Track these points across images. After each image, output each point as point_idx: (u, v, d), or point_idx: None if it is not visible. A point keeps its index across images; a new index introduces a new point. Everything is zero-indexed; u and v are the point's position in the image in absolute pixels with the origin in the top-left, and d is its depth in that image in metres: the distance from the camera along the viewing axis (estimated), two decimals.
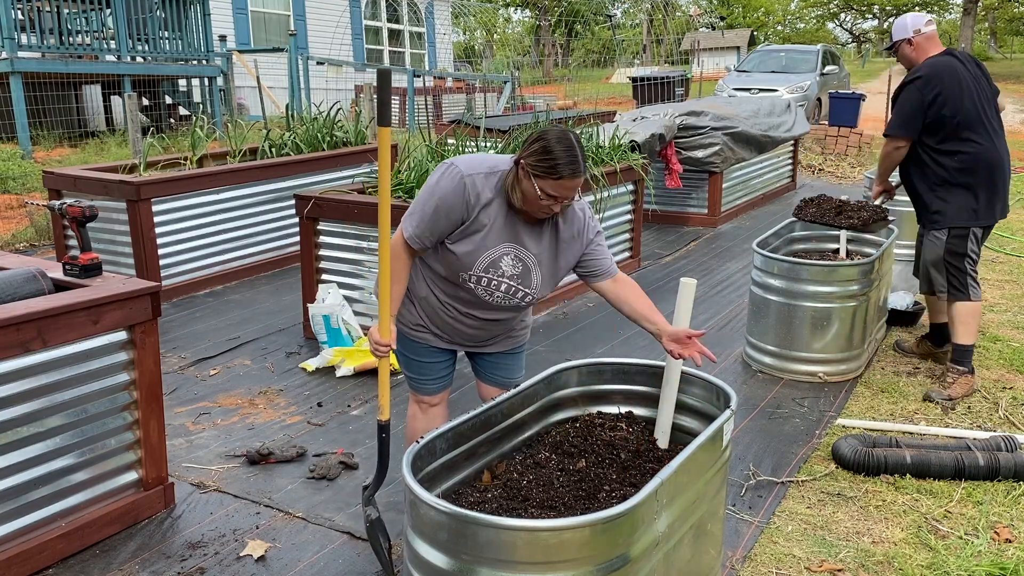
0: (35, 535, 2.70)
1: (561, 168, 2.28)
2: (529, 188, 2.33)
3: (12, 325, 2.50)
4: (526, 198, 2.36)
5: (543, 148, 2.30)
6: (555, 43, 39.44)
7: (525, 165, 2.32)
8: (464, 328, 2.64)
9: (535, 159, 2.30)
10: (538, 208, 2.36)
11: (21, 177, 9.13)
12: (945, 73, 4.00)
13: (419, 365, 2.76)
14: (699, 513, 2.12)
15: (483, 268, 2.45)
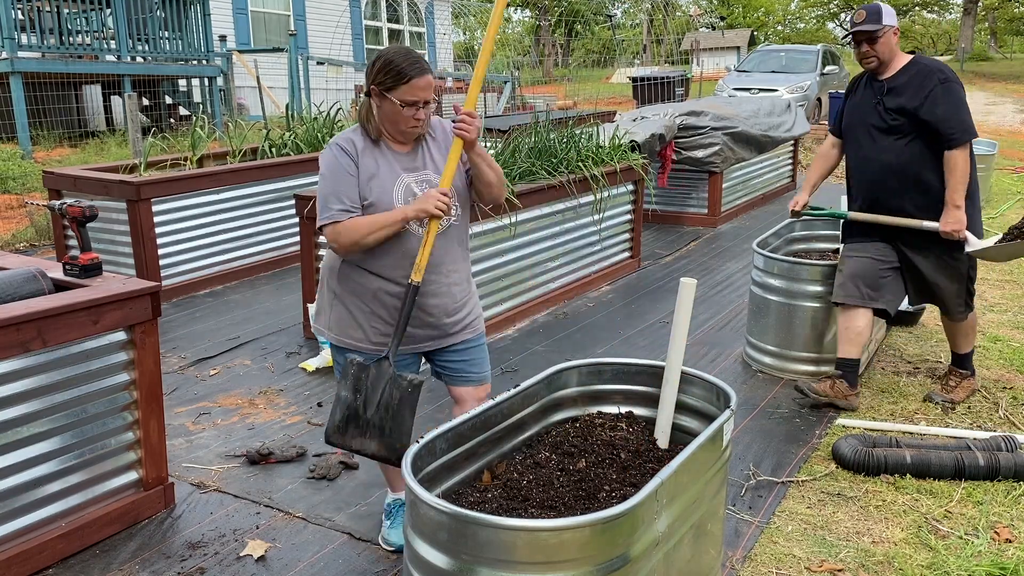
0: (35, 535, 2.70)
1: (408, 70, 2.35)
2: (389, 106, 2.38)
3: (12, 325, 2.50)
4: (391, 119, 2.41)
5: (385, 62, 2.37)
6: (555, 43, 39.43)
7: (376, 87, 2.39)
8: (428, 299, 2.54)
9: (382, 75, 2.36)
10: (406, 124, 2.41)
11: (21, 177, 9.13)
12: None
13: None
14: (699, 513, 2.12)
15: (403, 199, 2.47)
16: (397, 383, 2.41)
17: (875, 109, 3.73)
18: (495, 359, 4.63)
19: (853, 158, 3.91)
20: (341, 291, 2.56)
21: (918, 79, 3.63)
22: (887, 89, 3.71)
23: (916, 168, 3.68)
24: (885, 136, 3.71)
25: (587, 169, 5.65)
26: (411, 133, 2.47)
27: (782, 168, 10.02)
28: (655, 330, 5.10)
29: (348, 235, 2.40)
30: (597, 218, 5.95)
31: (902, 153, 3.69)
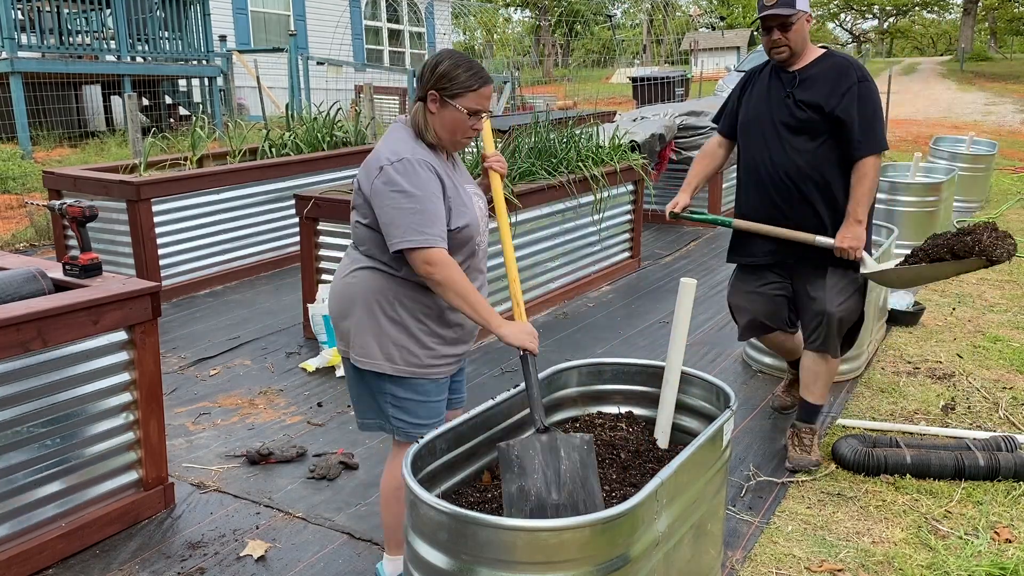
0: (35, 535, 2.70)
1: (477, 76, 2.24)
2: (453, 114, 2.24)
3: (12, 325, 2.50)
4: (452, 127, 2.26)
5: (451, 67, 2.23)
6: (555, 43, 39.44)
7: (441, 93, 2.23)
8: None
9: (448, 80, 2.22)
10: (465, 132, 2.28)
11: (21, 177, 9.13)
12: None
13: (439, 406, 2.43)
14: (699, 513, 2.12)
15: (483, 223, 2.40)
16: (570, 444, 2.09)
17: (784, 103, 3.20)
18: (495, 359, 4.63)
19: (751, 160, 3.32)
20: (401, 315, 2.30)
21: (834, 72, 3.14)
22: (799, 80, 3.20)
23: (827, 176, 3.17)
24: (795, 135, 3.18)
25: (587, 169, 5.65)
26: (464, 143, 2.34)
27: None
28: (655, 330, 5.10)
29: (447, 273, 2.18)
30: (597, 218, 5.95)
31: (813, 156, 3.16)
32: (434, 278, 2.18)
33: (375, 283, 2.31)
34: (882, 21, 54.53)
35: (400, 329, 2.31)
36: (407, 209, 2.17)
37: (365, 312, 2.31)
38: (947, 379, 4.29)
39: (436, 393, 2.39)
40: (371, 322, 2.31)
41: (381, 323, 2.30)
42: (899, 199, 6.52)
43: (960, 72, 31.83)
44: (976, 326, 5.11)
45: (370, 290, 2.31)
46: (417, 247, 2.16)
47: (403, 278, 2.29)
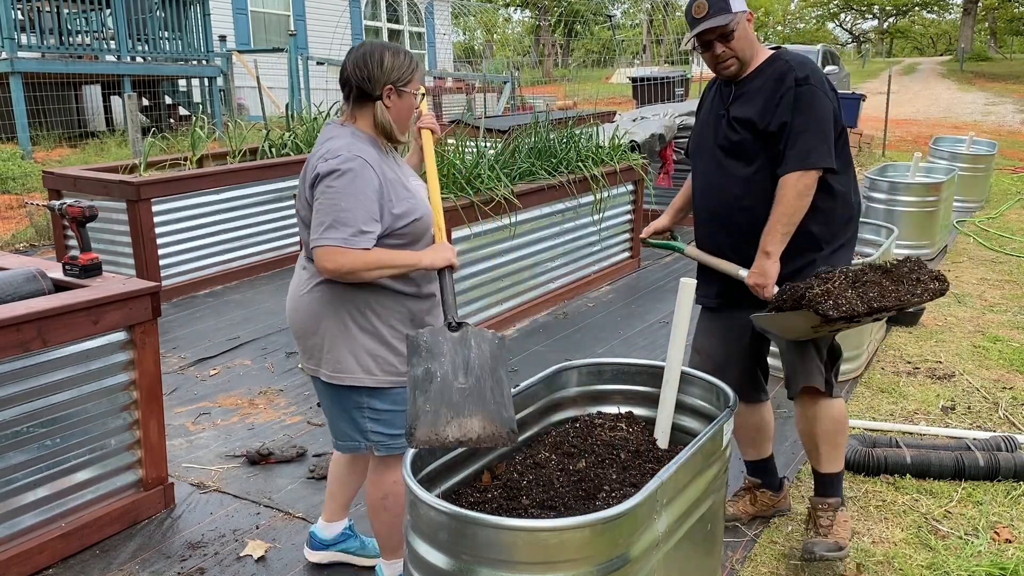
0: (35, 535, 2.70)
1: (411, 57, 2.27)
2: (407, 101, 2.28)
3: (12, 325, 2.50)
4: (407, 114, 2.31)
5: (394, 54, 2.24)
6: (555, 43, 39.44)
7: (392, 84, 2.24)
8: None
9: (399, 70, 2.24)
10: (410, 118, 2.33)
11: (21, 177, 9.13)
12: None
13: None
14: (699, 513, 2.12)
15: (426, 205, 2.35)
16: (481, 336, 2.08)
17: (720, 122, 2.73)
18: None
19: (697, 187, 2.93)
20: (373, 324, 2.26)
21: (771, 81, 2.62)
22: (734, 95, 2.71)
23: (768, 207, 2.59)
24: (730, 159, 2.69)
25: (587, 169, 5.65)
26: (408, 128, 2.39)
27: None
28: (655, 330, 5.10)
29: (363, 261, 2.14)
30: (597, 218, 5.95)
31: (750, 184, 2.64)
32: (332, 270, 2.15)
33: (342, 294, 2.26)
34: (882, 21, 54.56)
35: (374, 338, 2.27)
36: (344, 205, 2.14)
37: (336, 325, 2.26)
38: (947, 379, 4.29)
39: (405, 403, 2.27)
40: (343, 335, 2.26)
41: (354, 334, 2.26)
42: (899, 199, 6.53)
43: (960, 72, 31.84)
44: (976, 326, 5.11)
45: (338, 302, 2.26)
46: (336, 244, 2.12)
47: (371, 285, 2.25)
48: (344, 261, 2.13)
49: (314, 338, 2.30)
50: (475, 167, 4.97)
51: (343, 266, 2.13)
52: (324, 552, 2.70)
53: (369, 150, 2.23)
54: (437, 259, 2.24)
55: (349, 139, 2.23)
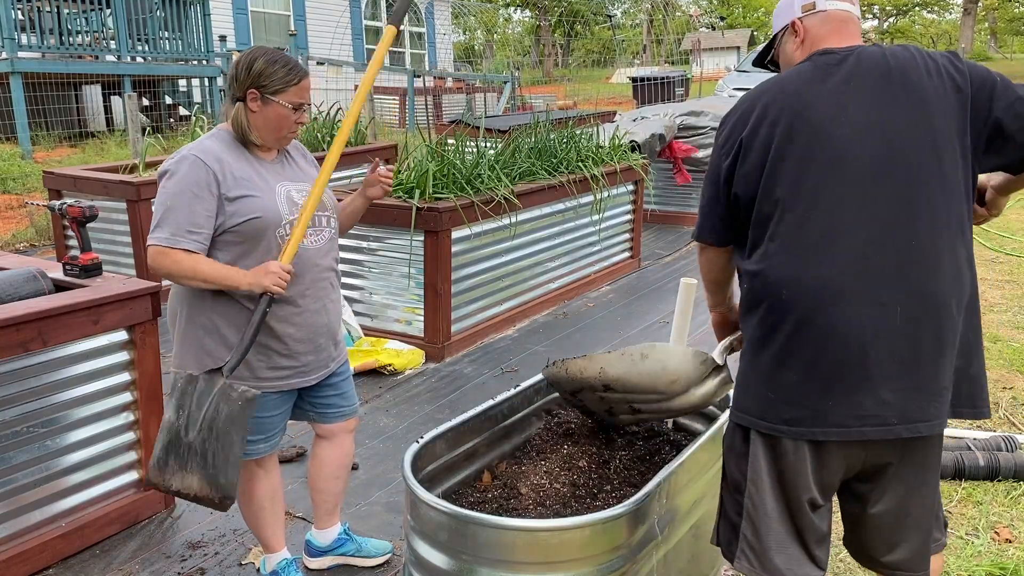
0: (35, 535, 2.70)
1: (296, 70, 2.22)
2: (277, 109, 2.21)
3: (12, 325, 2.50)
4: (273, 124, 2.23)
5: (268, 64, 2.19)
6: (555, 43, 39.46)
7: (261, 91, 2.19)
8: (318, 316, 2.34)
9: (265, 78, 2.18)
10: (290, 128, 2.25)
11: (21, 177, 9.13)
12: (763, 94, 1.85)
13: (268, 422, 2.35)
14: (699, 513, 2.12)
15: (288, 210, 2.25)
16: (226, 395, 2.13)
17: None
18: (495, 359, 4.63)
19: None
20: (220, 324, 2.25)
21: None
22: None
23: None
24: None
25: (587, 169, 5.65)
26: (288, 139, 2.32)
27: None
28: (655, 330, 5.10)
29: (170, 267, 2.14)
30: (597, 218, 5.94)
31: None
32: (154, 270, 2.17)
33: (187, 292, 2.28)
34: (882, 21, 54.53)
35: (216, 337, 2.26)
36: (169, 204, 2.15)
37: (183, 321, 2.31)
38: None
39: (263, 408, 2.30)
40: (188, 332, 2.30)
41: (197, 333, 2.28)
42: None
43: None
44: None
45: (184, 300, 2.30)
46: (158, 244, 2.14)
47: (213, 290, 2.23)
48: (162, 262, 2.14)
49: (173, 332, 2.37)
50: (475, 167, 4.97)
51: (160, 267, 2.15)
52: (322, 558, 2.70)
53: (214, 147, 2.22)
54: (255, 283, 2.15)
55: (205, 139, 2.26)
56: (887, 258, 1.69)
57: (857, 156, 1.71)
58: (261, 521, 2.52)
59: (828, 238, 1.71)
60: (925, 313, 1.69)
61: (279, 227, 2.24)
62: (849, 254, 1.70)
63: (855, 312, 1.68)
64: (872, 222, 1.69)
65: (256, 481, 2.47)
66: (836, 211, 1.71)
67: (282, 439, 2.47)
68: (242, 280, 2.16)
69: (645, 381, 2.08)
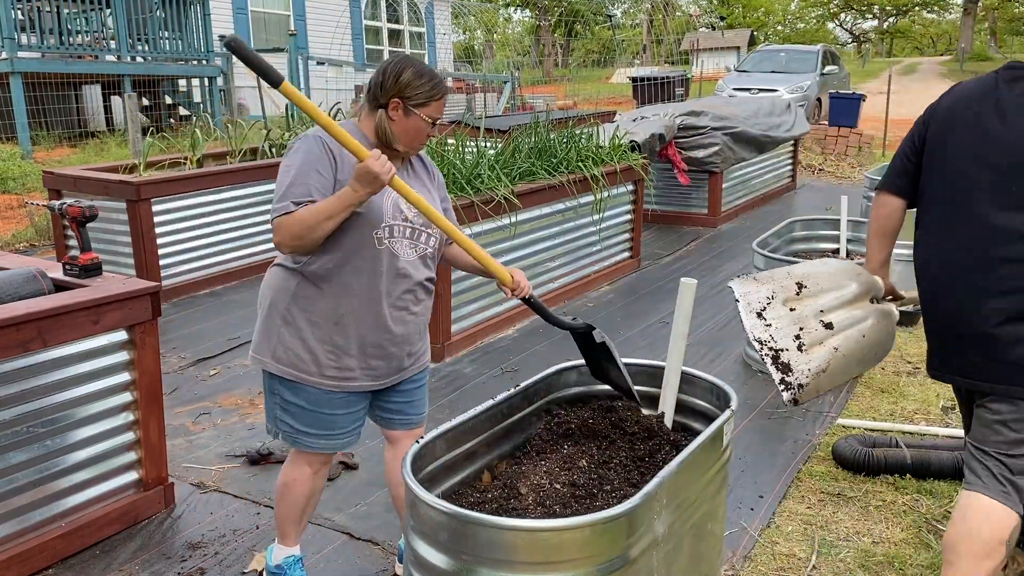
0: (35, 535, 2.70)
1: (441, 86, 2.23)
2: (417, 122, 2.22)
3: (12, 325, 2.50)
4: (414, 134, 2.24)
5: (415, 75, 2.19)
6: (555, 43, 39.44)
7: (405, 102, 2.19)
8: (394, 325, 2.30)
9: (411, 90, 2.18)
10: (422, 140, 2.27)
11: (21, 177, 9.13)
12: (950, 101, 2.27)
13: (331, 419, 2.34)
14: (699, 513, 2.12)
15: (391, 214, 2.23)
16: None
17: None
18: (495, 359, 4.63)
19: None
20: (296, 316, 2.27)
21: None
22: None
23: None
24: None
25: (587, 169, 5.65)
26: (416, 150, 2.34)
27: (782, 168, 10.03)
28: (655, 330, 5.10)
29: (291, 227, 2.11)
30: (597, 218, 5.94)
31: None
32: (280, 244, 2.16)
33: (276, 280, 2.33)
34: (882, 21, 54.54)
35: (291, 328, 2.28)
36: (281, 180, 2.18)
37: (268, 306, 2.33)
38: None
39: (327, 405, 2.31)
40: (268, 320, 2.32)
41: (274, 320, 2.30)
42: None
43: (960, 72, 31.81)
44: None
45: (272, 287, 2.34)
46: (275, 215, 2.15)
47: (302, 275, 2.26)
48: (286, 225, 2.13)
49: (258, 314, 2.38)
50: (475, 167, 4.97)
51: (285, 232, 2.13)
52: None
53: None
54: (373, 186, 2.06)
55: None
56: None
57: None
58: (290, 516, 2.51)
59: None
60: None
61: (378, 228, 2.22)
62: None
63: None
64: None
65: (303, 479, 2.45)
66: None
67: (354, 442, 2.43)
68: (357, 192, 2.07)
69: (834, 275, 2.45)
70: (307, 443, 2.36)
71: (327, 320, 2.25)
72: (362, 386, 2.33)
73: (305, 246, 2.15)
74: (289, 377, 2.29)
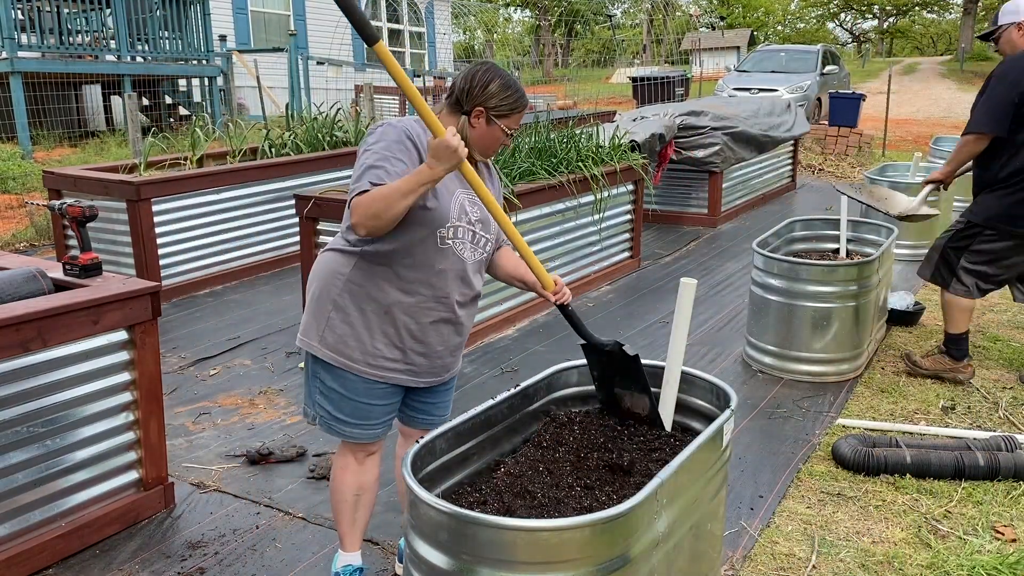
0: (35, 535, 2.70)
1: (523, 99, 2.26)
2: (496, 132, 2.26)
3: (12, 325, 2.50)
4: (491, 143, 2.28)
5: (502, 87, 2.22)
6: (555, 43, 39.44)
7: (489, 111, 2.22)
8: (444, 325, 2.34)
9: (499, 99, 2.22)
10: (494, 150, 2.31)
11: (21, 177, 9.13)
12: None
13: (367, 408, 2.36)
14: (699, 513, 2.12)
15: (456, 215, 2.26)
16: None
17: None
18: (495, 359, 4.63)
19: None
20: (347, 303, 2.28)
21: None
22: None
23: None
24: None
25: (587, 169, 5.65)
26: (490, 156, 2.37)
27: (782, 168, 10.02)
28: (655, 330, 5.10)
29: (368, 205, 2.08)
30: (597, 218, 5.95)
31: None
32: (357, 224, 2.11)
33: (332, 264, 2.32)
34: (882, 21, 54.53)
35: (341, 314, 2.28)
36: (364, 161, 2.17)
37: (319, 291, 2.33)
38: (947, 379, 4.29)
39: (366, 395, 2.33)
40: (319, 302, 2.32)
41: (325, 305, 2.31)
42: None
43: (960, 72, 31.81)
44: (976, 326, 5.11)
45: (326, 270, 2.33)
46: (355, 193, 2.13)
47: (359, 257, 2.26)
48: (354, 217, 2.11)
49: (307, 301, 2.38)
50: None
51: (362, 209, 2.09)
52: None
53: (419, 128, 2.24)
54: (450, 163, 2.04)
55: (411, 118, 2.28)
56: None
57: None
58: (340, 514, 2.50)
59: None
60: None
61: (443, 227, 2.23)
62: None
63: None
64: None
65: (347, 471, 2.45)
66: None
67: (384, 433, 2.45)
68: (433, 168, 2.05)
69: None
70: (342, 431, 2.38)
71: (377, 308, 2.27)
72: (401, 380, 2.35)
73: (381, 226, 2.11)
74: (334, 363, 2.30)
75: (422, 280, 2.26)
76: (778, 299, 4.30)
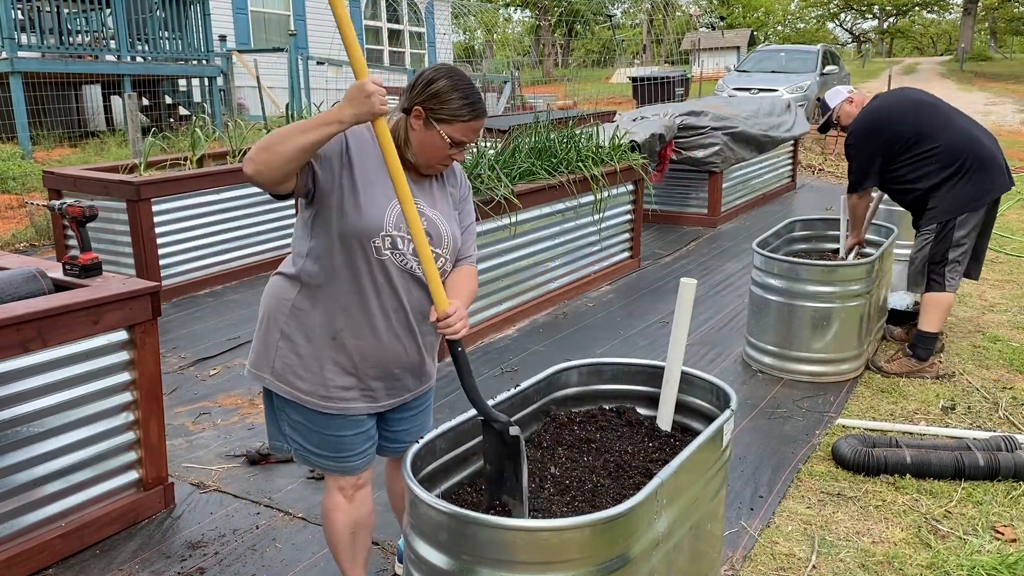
0: (35, 535, 2.70)
1: (473, 108, 2.02)
2: (433, 138, 2.02)
3: (12, 325, 2.50)
4: (429, 151, 2.05)
5: (446, 88, 2.00)
6: (555, 43, 39.44)
7: (425, 111, 2.01)
8: (396, 342, 2.15)
9: (437, 102, 2.00)
10: (440, 160, 2.07)
11: (21, 177, 9.13)
12: (882, 103, 4.36)
13: (337, 441, 2.18)
14: (699, 513, 2.12)
15: (393, 224, 2.04)
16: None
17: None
18: (495, 359, 4.63)
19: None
20: (293, 330, 2.12)
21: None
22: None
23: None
24: None
25: (587, 169, 5.65)
26: (436, 170, 2.14)
27: (782, 168, 10.02)
28: (655, 330, 5.10)
29: (261, 140, 1.88)
30: (597, 218, 5.95)
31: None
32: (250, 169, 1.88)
33: (276, 291, 2.17)
34: (882, 21, 54.56)
35: (288, 343, 2.12)
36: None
37: (267, 317, 2.18)
38: (947, 379, 4.29)
39: (328, 427, 2.16)
40: (266, 333, 2.17)
41: (273, 333, 2.15)
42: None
43: (960, 72, 31.83)
44: (976, 326, 5.11)
45: (271, 298, 2.18)
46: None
47: (301, 284, 2.11)
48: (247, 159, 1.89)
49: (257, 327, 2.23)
50: (475, 167, 4.97)
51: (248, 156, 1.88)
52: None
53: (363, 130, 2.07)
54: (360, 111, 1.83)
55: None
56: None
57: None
58: (338, 553, 2.34)
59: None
60: None
61: (376, 237, 2.03)
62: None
63: None
64: None
65: (337, 512, 2.28)
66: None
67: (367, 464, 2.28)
68: (341, 110, 1.84)
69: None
70: (319, 463, 2.22)
71: (324, 336, 2.10)
72: (358, 408, 2.17)
73: (270, 160, 1.86)
74: (287, 396, 2.14)
75: (364, 299, 2.09)
76: (778, 299, 4.30)
